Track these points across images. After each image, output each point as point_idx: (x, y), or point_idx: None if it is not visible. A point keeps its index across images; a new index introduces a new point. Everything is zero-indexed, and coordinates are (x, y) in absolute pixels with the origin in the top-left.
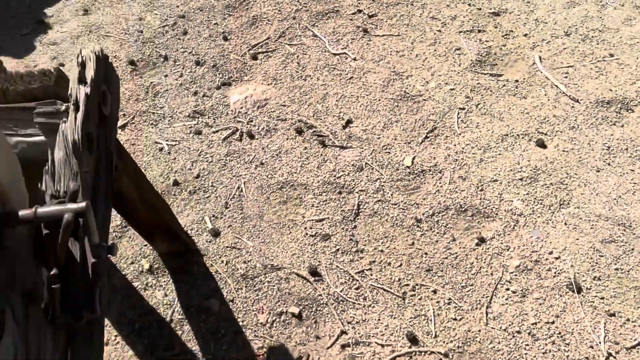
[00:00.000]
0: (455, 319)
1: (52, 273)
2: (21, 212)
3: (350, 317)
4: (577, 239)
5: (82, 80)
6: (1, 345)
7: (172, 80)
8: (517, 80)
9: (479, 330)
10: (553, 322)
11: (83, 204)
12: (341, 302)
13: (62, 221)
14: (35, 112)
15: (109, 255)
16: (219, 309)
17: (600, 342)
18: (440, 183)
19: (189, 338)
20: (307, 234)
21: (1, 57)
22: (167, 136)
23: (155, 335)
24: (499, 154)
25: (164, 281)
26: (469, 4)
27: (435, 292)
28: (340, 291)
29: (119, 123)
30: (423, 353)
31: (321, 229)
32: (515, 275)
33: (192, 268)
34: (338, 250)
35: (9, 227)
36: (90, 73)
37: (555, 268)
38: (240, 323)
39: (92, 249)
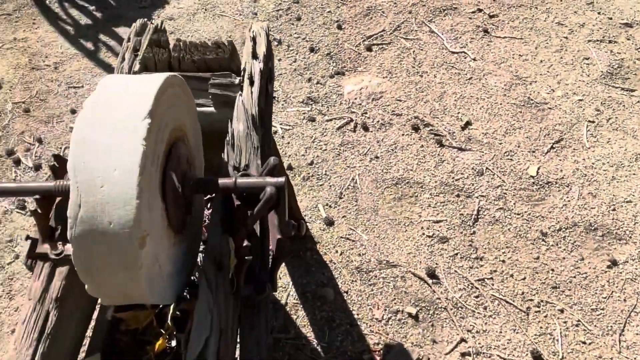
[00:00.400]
0: (584, 343)
1: (244, 245)
2: (221, 181)
3: (470, 325)
4: None
5: (255, 55)
6: (198, 310)
7: (286, 65)
8: None
9: (611, 358)
10: None
11: (282, 179)
12: (460, 309)
13: (256, 194)
14: (210, 83)
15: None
16: (333, 298)
17: None
18: (567, 197)
19: (304, 324)
20: (423, 234)
21: (121, 27)
22: (281, 120)
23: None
24: (633, 174)
25: None
26: (599, 12)
27: (562, 311)
28: (459, 297)
29: None
30: None
31: (439, 230)
32: None
33: (306, 254)
34: (457, 254)
35: (201, 193)
36: (262, 49)
37: None
38: (355, 316)
39: (280, 225)
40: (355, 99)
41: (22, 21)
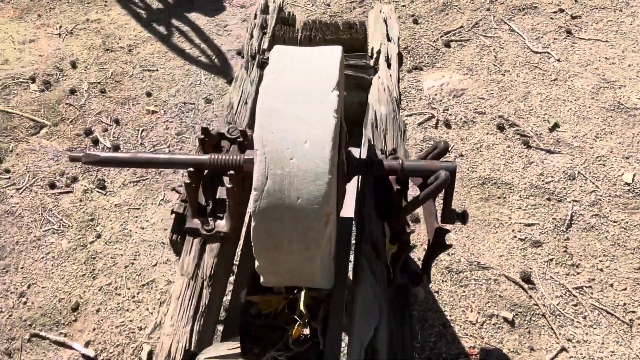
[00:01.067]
0: None
1: (408, 231)
2: (386, 162)
3: (570, 334)
4: None
5: (388, 37)
6: (362, 296)
7: None
8: None
9: None
10: None
11: (454, 164)
12: (558, 317)
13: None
14: (345, 64)
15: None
16: (424, 297)
17: None
18: None
19: None
20: (515, 237)
21: (192, 13)
22: None
23: None
24: None
25: None
26: None
27: None
28: (557, 304)
29: None
30: None
31: (531, 234)
32: None
33: None
34: (551, 260)
35: (363, 174)
36: (395, 31)
37: None
38: (448, 317)
39: (445, 213)
40: (436, 95)
41: (94, 2)
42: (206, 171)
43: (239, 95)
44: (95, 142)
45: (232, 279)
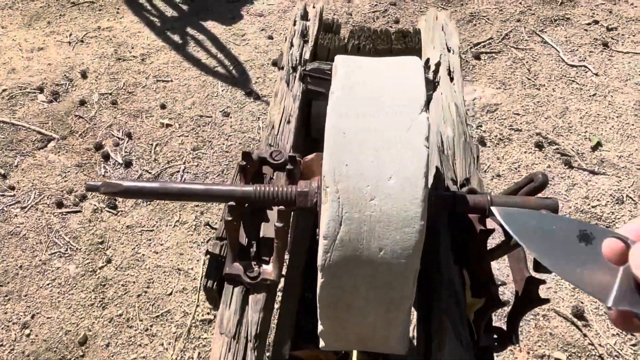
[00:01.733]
0: None
1: (498, 283)
2: (471, 198)
3: None
4: None
5: (448, 47)
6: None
7: None
8: None
9: None
10: None
11: (556, 202)
12: (616, 358)
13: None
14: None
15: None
16: None
17: None
18: None
19: None
20: None
21: (209, 21)
22: None
23: None
24: None
25: None
26: None
27: None
28: (614, 344)
29: None
30: None
31: None
32: None
33: None
34: None
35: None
36: (454, 40)
37: None
38: (495, 358)
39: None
40: (468, 110)
41: (105, 10)
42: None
43: (280, 112)
44: (106, 157)
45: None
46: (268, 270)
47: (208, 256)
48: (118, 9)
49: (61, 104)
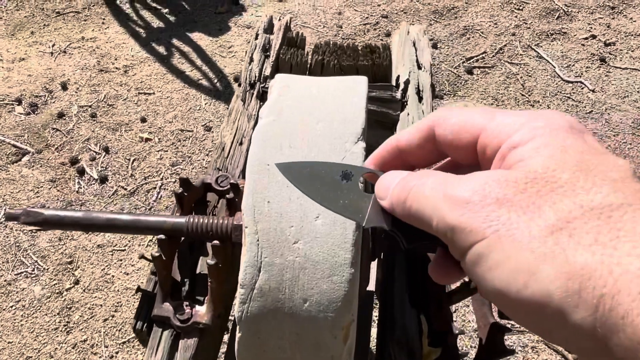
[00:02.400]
0: None
1: (456, 332)
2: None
3: None
4: None
5: (419, 64)
6: None
7: None
8: None
9: None
10: None
11: None
12: None
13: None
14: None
15: None
16: None
17: None
18: None
19: None
20: None
21: (195, 32)
22: None
23: None
24: None
25: None
26: None
27: None
28: None
29: None
30: None
31: None
32: None
33: None
34: None
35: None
36: (426, 57)
37: None
38: None
39: None
40: None
41: (91, 20)
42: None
43: (232, 133)
44: (81, 172)
45: None
46: (200, 312)
47: (139, 292)
48: (104, 19)
49: (39, 116)
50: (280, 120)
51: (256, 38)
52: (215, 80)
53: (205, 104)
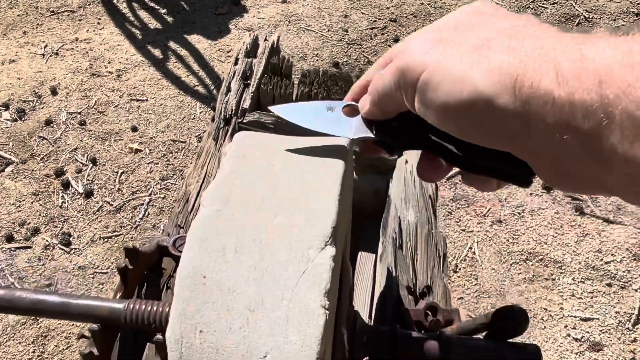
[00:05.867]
0: None
1: None
2: (425, 341)
3: None
4: None
5: None
6: None
7: None
8: None
9: None
10: None
11: (538, 353)
12: None
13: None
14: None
15: None
16: None
17: None
18: None
19: None
20: (568, 335)
21: (193, 35)
22: None
23: None
24: None
25: None
26: None
27: None
28: None
29: None
30: None
31: (588, 332)
32: None
33: None
34: None
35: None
36: None
37: None
38: None
39: None
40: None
41: (86, 20)
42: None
43: (199, 180)
44: (66, 185)
45: None
46: None
47: None
48: (99, 19)
49: (26, 123)
50: (227, 210)
51: (235, 63)
52: (212, 87)
53: (200, 113)
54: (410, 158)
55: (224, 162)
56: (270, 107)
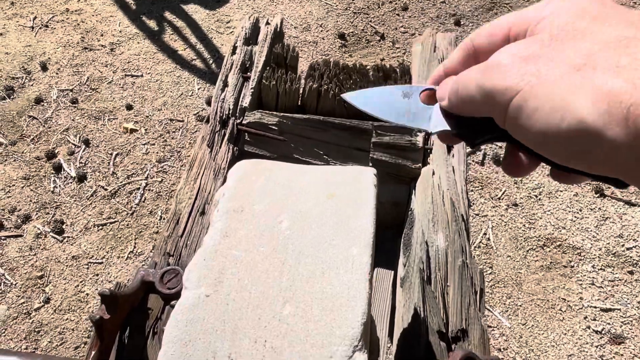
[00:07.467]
0: None
1: None
2: None
3: None
4: None
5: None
6: None
7: None
8: None
9: None
10: None
11: None
12: None
13: None
14: (373, 142)
15: None
16: None
17: None
18: None
19: None
20: (588, 326)
21: (190, 4)
22: None
23: None
24: None
25: None
26: None
27: None
28: None
29: None
30: None
31: (609, 323)
32: None
33: None
34: None
35: None
36: None
37: None
38: None
39: None
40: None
41: None
42: None
43: (192, 196)
44: (58, 169)
45: None
46: None
47: None
48: None
49: (14, 101)
50: (219, 296)
51: (233, 52)
52: (211, 61)
53: (199, 89)
54: (438, 169)
55: (215, 216)
56: (342, 95)
